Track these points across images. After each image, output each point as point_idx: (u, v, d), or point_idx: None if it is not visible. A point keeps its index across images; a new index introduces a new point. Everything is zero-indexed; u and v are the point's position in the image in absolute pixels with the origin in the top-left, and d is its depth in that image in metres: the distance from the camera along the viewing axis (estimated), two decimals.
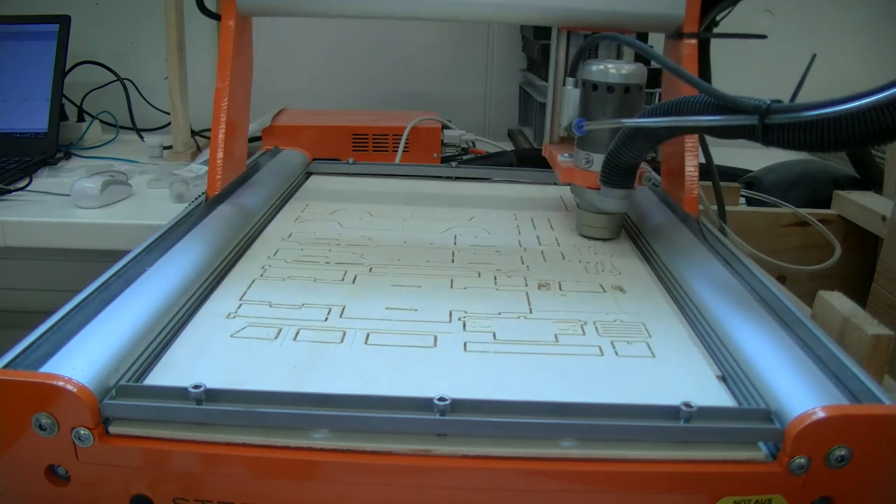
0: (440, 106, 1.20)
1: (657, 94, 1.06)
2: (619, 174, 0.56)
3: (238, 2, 0.63)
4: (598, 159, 0.59)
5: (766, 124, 0.42)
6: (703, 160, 0.69)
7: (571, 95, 0.62)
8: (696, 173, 0.63)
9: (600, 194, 0.59)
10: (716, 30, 0.67)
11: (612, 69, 0.58)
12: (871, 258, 0.82)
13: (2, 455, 0.34)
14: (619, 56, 0.63)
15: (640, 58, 0.63)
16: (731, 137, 0.45)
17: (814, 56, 0.52)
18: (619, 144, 0.54)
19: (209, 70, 1.30)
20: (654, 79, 0.77)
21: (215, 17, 0.67)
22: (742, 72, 1.33)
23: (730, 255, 0.53)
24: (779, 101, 0.42)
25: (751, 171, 1.01)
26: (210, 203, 0.60)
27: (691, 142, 0.63)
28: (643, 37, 1.08)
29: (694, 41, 0.63)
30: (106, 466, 0.34)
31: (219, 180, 0.63)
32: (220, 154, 0.63)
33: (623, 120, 0.53)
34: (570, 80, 0.63)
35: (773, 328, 0.41)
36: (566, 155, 0.64)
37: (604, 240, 0.63)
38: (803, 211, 0.87)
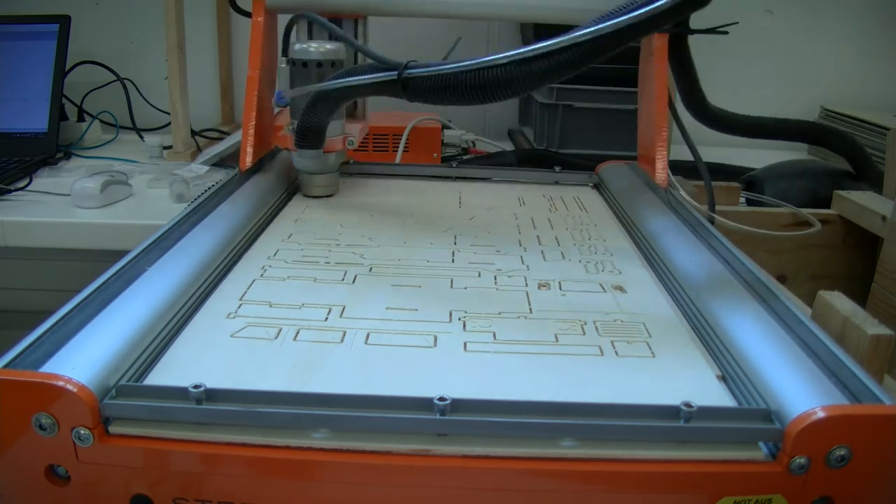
0: (440, 106, 1.20)
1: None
2: (308, 136, 0.66)
3: (267, 0, 0.72)
4: None
5: (404, 78, 0.51)
6: (706, 160, 0.71)
7: (282, 72, 0.70)
8: (665, 148, 0.73)
9: (296, 155, 0.69)
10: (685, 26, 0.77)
11: (311, 48, 0.66)
12: (872, 258, 0.82)
13: (2, 455, 0.34)
14: (330, 37, 0.70)
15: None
16: (386, 94, 0.54)
17: (458, 39, 0.69)
18: (305, 110, 0.63)
19: (209, 70, 1.31)
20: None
21: (246, 14, 0.77)
22: (742, 72, 1.33)
23: (729, 254, 0.53)
24: (415, 61, 0.51)
25: (751, 170, 1.01)
26: (243, 176, 0.69)
27: (661, 117, 0.72)
28: None
29: (664, 35, 0.73)
30: (106, 466, 0.34)
31: (251, 154, 0.71)
32: (252, 133, 0.71)
33: (304, 88, 0.62)
34: (283, 58, 0.70)
35: (773, 328, 0.41)
36: (287, 126, 0.71)
37: (318, 197, 0.72)
38: (804, 211, 0.87)
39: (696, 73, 0.88)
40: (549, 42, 0.44)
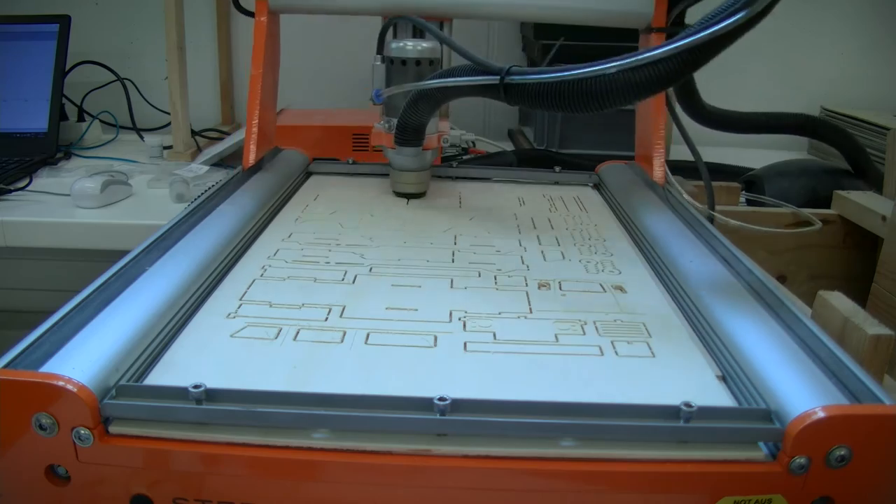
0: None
1: None
2: (408, 134, 0.67)
3: (270, 0, 0.73)
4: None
5: (506, 83, 0.51)
6: (706, 160, 0.72)
7: (377, 70, 0.71)
8: (663, 146, 0.74)
9: (394, 152, 0.70)
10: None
11: (408, 46, 0.68)
12: (871, 258, 0.82)
13: (2, 455, 0.34)
14: (422, 35, 0.70)
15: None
16: (485, 96, 0.55)
17: (561, 39, 0.71)
18: (406, 107, 0.64)
19: (209, 70, 1.31)
20: None
21: (249, 14, 0.75)
22: (742, 71, 1.33)
23: (729, 254, 0.53)
24: (519, 66, 0.51)
25: (751, 170, 1.01)
26: (244, 174, 0.69)
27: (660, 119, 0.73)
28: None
29: (663, 35, 0.72)
30: (106, 466, 0.34)
31: (253, 152, 0.73)
32: (256, 131, 0.73)
33: (404, 86, 0.63)
34: (377, 56, 0.71)
35: (773, 328, 0.41)
36: (380, 122, 0.72)
37: (413, 195, 0.73)
38: (804, 211, 0.87)
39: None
40: (656, 51, 0.43)
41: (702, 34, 0.41)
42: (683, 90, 0.90)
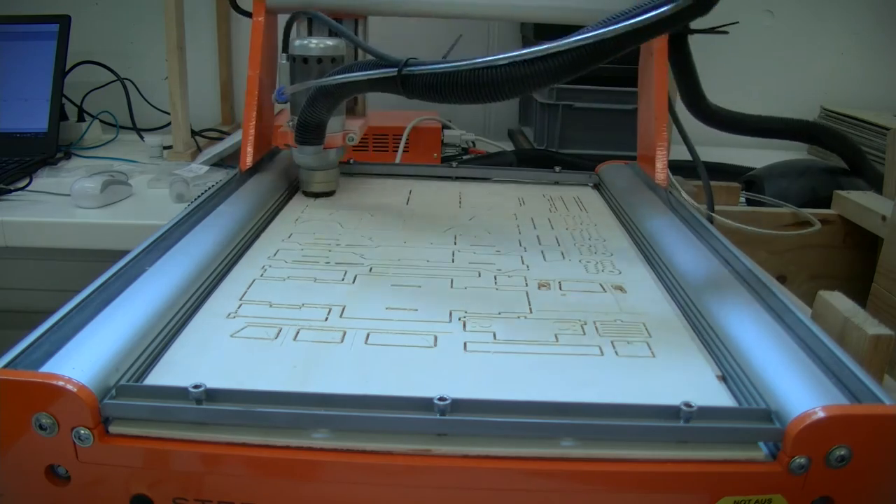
0: (440, 106, 1.20)
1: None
2: (309, 132, 0.65)
3: (267, 0, 0.72)
4: None
5: (403, 75, 0.51)
6: (706, 160, 0.72)
7: (282, 69, 0.70)
8: (665, 148, 0.72)
9: (297, 151, 0.69)
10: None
11: (311, 44, 0.67)
12: (872, 258, 0.82)
13: (2, 455, 0.34)
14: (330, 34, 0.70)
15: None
16: (384, 90, 0.54)
17: (459, 36, 0.67)
18: (305, 106, 0.63)
19: (209, 70, 1.31)
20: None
21: (247, 13, 0.75)
22: (743, 71, 1.33)
23: (729, 254, 0.53)
24: (415, 59, 0.51)
25: (752, 170, 1.01)
26: (243, 176, 0.69)
27: (661, 116, 0.72)
28: None
29: (664, 36, 0.70)
30: (106, 466, 0.34)
31: (251, 154, 0.72)
32: (252, 133, 0.72)
33: (303, 84, 0.63)
34: (283, 55, 0.70)
35: (773, 328, 0.41)
36: (287, 122, 0.71)
37: (320, 194, 0.72)
38: (804, 211, 0.87)
39: (696, 72, 0.89)
40: (551, 44, 0.44)
41: (598, 31, 0.42)
42: (689, 91, 0.89)
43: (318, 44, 0.67)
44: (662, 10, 0.40)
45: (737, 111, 0.96)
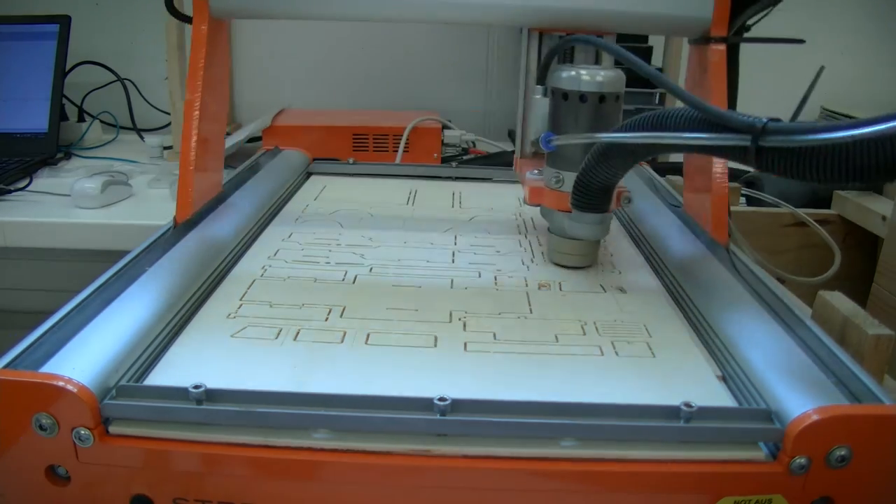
0: (440, 106, 1.20)
1: (656, 95, 1.06)
2: (592, 196, 0.50)
3: (211, 3, 0.56)
4: (569, 178, 0.52)
5: (759, 147, 0.36)
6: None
7: (540, 105, 0.55)
8: (726, 194, 0.56)
9: (571, 218, 0.53)
10: (747, 34, 0.61)
11: (584, 76, 0.51)
12: (871, 258, 0.82)
13: (2, 455, 0.34)
14: (597, 61, 0.56)
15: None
16: (719, 157, 0.41)
17: (821, 69, 0.48)
18: (592, 162, 0.47)
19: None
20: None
21: (186, 19, 0.60)
22: (742, 71, 1.33)
23: (730, 255, 0.53)
24: (777, 120, 0.36)
25: (750, 170, 1.01)
26: (179, 229, 0.53)
27: (720, 161, 0.57)
28: (643, 40, 1.08)
29: (722, 47, 0.57)
30: (106, 466, 0.34)
31: (191, 203, 0.56)
32: (192, 172, 0.56)
33: (597, 134, 0.47)
34: (538, 87, 0.56)
35: (773, 328, 0.41)
36: (535, 172, 0.57)
37: (578, 268, 0.56)
38: (803, 211, 0.87)
39: (737, 86, 0.82)
40: None
41: None
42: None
43: (594, 76, 0.51)
44: None
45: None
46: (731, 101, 0.82)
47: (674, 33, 0.65)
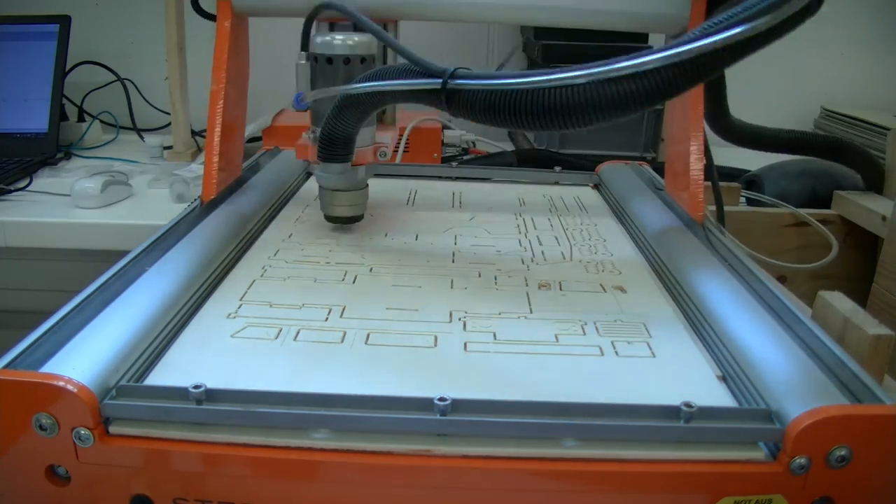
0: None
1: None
2: (334, 147, 0.55)
3: (234, 1, 0.62)
4: None
5: (449, 89, 0.41)
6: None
7: (303, 70, 0.58)
8: (702, 176, 0.61)
9: (318, 169, 0.58)
10: None
11: (335, 41, 0.56)
12: (871, 258, 0.82)
13: (2, 455, 0.34)
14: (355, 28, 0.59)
15: None
16: (423, 103, 0.45)
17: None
18: (331, 115, 0.53)
19: (209, 70, 1.30)
20: None
21: (211, 17, 0.65)
22: (742, 71, 1.33)
23: (730, 254, 0.53)
24: (467, 69, 0.42)
25: (750, 171, 1.01)
26: (206, 207, 0.59)
27: (696, 143, 0.61)
28: (642, 39, 1.08)
29: None
30: (106, 466, 0.34)
31: (215, 184, 0.62)
32: (216, 157, 0.62)
33: (327, 88, 0.53)
34: (302, 53, 0.59)
35: (773, 328, 0.41)
36: (307, 132, 0.61)
37: (346, 220, 0.61)
38: (804, 211, 0.87)
39: (725, 84, 0.82)
40: (640, 59, 0.36)
41: (709, 40, 0.33)
42: (714, 104, 0.79)
43: (344, 40, 0.57)
44: (782, 9, 0.32)
45: (756, 125, 0.90)
46: (720, 99, 0.81)
47: (654, 30, 0.65)
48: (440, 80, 0.42)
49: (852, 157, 0.96)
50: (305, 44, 0.59)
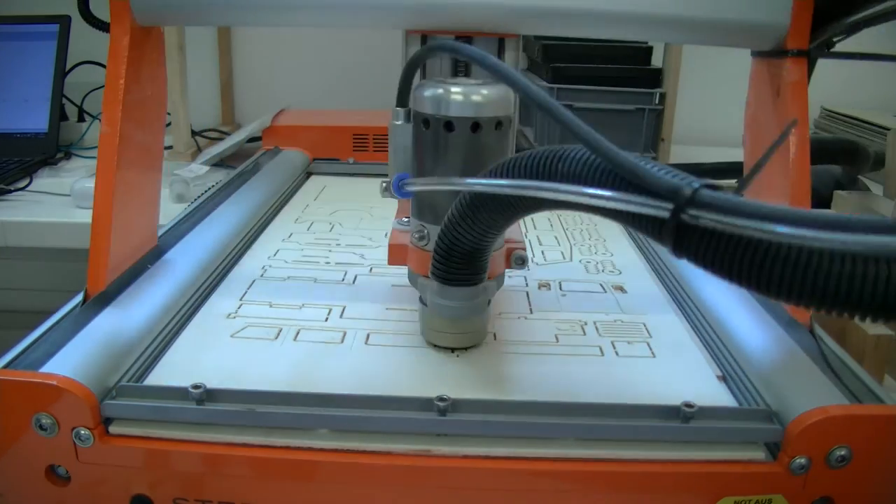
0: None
1: (656, 95, 1.05)
2: (456, 263, 0.37)
3: (134, 7, 0.45)
4: (435, 234, 0.38)
5: (680, 223, 0.24)
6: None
7: (400, 135, 0.40)
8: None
9: (433, 290, 0.39)
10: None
11: (454, 95, 0.36)
12: None
13: (2, 455, 0.34)
14: (468, 73, 0.44)
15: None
16: (627, 225, 0.29)
17: (793, 121, 0.40)
18: (456, 218, 0.34)
19: (209, 70, 1.31)
20: None
21: (104, 28, 0.49)
22: (742, 71, 1.33)
23: None
24: (714, 188, 0.24)
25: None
26: (92, 303, 0.41)
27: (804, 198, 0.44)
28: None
29: (802, 61, 0.43)
30: (106, 466, 0.34)
31: (104, 272, 0.42)
32: (110, 233, 0.42)
33: (460, 179, 0.35)
34: (399, 110, 0.41)
35: (773, 328, 0.41)
36: (404, 220, 0.44)
37: (455, 349, 0.42)
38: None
39: None
40: None
41: None
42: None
43: (468, 94, 0.36)
44: None
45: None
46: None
47: (737, 44, 0.47)
48: (671, 207, 0.24)
49: (859, 160, 0.95)
50: (404, 98, 0.40)
